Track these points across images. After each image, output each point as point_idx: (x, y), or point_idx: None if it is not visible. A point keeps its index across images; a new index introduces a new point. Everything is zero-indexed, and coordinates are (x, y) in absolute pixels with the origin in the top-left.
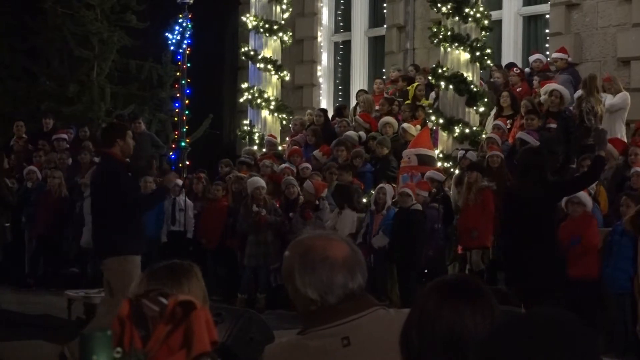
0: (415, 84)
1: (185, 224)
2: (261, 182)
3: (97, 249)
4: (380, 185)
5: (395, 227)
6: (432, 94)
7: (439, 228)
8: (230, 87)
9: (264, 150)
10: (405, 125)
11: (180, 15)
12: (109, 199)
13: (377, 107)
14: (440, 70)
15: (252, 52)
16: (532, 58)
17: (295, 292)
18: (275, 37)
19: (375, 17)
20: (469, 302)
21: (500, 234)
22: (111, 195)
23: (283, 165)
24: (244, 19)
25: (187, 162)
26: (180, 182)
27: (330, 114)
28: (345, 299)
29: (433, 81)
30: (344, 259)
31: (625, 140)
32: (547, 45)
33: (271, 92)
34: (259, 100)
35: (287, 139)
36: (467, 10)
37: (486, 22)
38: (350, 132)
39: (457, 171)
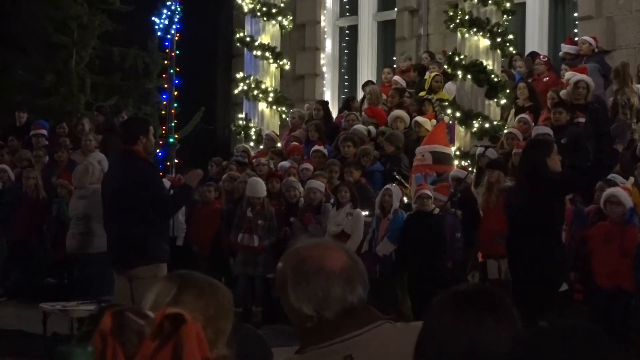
0: (432, 74)
1: (174, 229)
2: (262, 190)
3: (123, 257)
4: (386, 186)
5: (408, 233)
6: (452, 87)
7: (459, 238)
8: (224, 77)
9: (261, 147)
10: (419, 119)
11: None
12: (139, 201)
13: (385, 99)
14: (457, 59)
15: (248, 38)
16: (563, 47)
17: (289, 307)
18: (273, 22)
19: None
20: (491, 314)
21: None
22: (142, 197)
23: (286, 163)
24: (239, 1)
25: (176, 161)
26: (168, 182)
27: (335, 106)
28: (344, 313)
29: (449, 70)
30: (341, 270)
31: None
32: (575, 30)
33: (269, 83)
34: (255, 92)
35: (285, 134)
36: None
37: (508, 4)
38: (359, 126)
39: (474, 170)
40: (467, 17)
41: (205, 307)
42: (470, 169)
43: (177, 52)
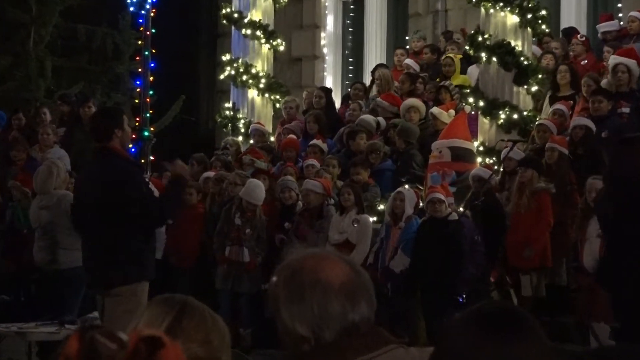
0: (459, 56)
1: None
2: (260, 196)
3: (104, 277)
4: (398, 189)
5: (421, 242)
6: (474, 72)
7: (480, 241)
8: (208, 60)
9: (251, 141)
10: (435, 110)
11: None
12: (122, 208)
13: (396, 85)
14: (480, 38)
15: (235, 15)
16: (601, 27)
17: (283, 327)
18: None
19: None
20: (515, 338)
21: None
22: (125, 203)
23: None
24: None
25: (152, 158)
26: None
27: (338, 94)
28: (346, 334)
29: (471, 52)
30: (341, 283)
31: None
32: (619, 4)
33: (261, 67)
34: (245, 77)
35: (278, 127)
36: None
37: None
38: (367, 117)
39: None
40: None
41: (206, 338)
42: (495, 167)
43: (153, 30)
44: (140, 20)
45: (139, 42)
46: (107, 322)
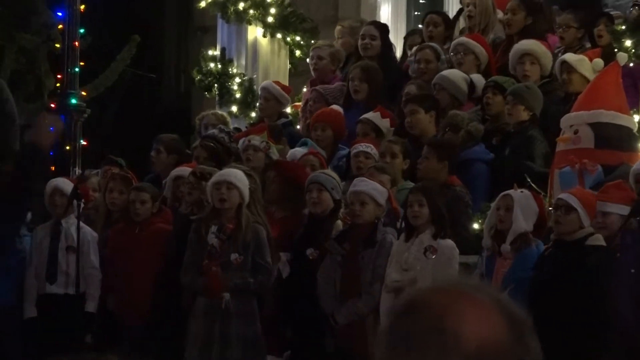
0: None
1: (77, 278)
2: (239, 180)
3: None
4: (504, 193)
5: (543, 282)
6: None
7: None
8: None
9: (254, 114)
10: (569, 57)
11: None
12: None
13: (501, 17)
14: None
15: None
16: None
17: None
18: None
19: None
20: None
21: None
22: None
23: (300, 150)
24: None
25: (83, 143)
26: (66, 183)
27: (399, 35)
28: None
29: None
30: (481, 346)
31: None
32: None
33: None
34: (242, 5)
35: (304, 89)
36: None
37: None
38: (452, 71)
39: None
40: None
41: None
42: None
43: None
44: None
45: None
46: None
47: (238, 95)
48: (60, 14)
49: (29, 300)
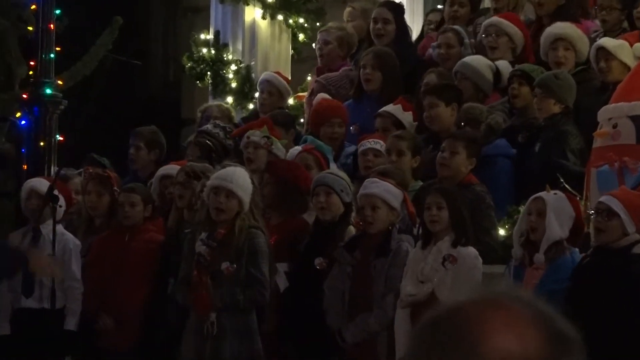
0: None
1: (53, 293)
2: (243, 184)
3: None
4: (536, 195)
5: (581, 295)
6: None
7: None
8: None
9: (253, 106)
10: (606, 42)
11: None
12: None
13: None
14: None
15: None
16: None
17: None
18: None
19: None
20: None
21: None
22: None
23: (296, 149)
24: None
25: (60, 138)
26: (41, 182)
27: (417, 17)
28: None
29: None
30: (503, 359)
31: None
32: None
33: None
34: None
35: (309, 78)
36: None
37: None
38: (475, 58)
39: None
40: None
41: None
42: None
43: None
44: None
45: None
46: None
47: (234, 85)
48: None
49: (3, 316)
